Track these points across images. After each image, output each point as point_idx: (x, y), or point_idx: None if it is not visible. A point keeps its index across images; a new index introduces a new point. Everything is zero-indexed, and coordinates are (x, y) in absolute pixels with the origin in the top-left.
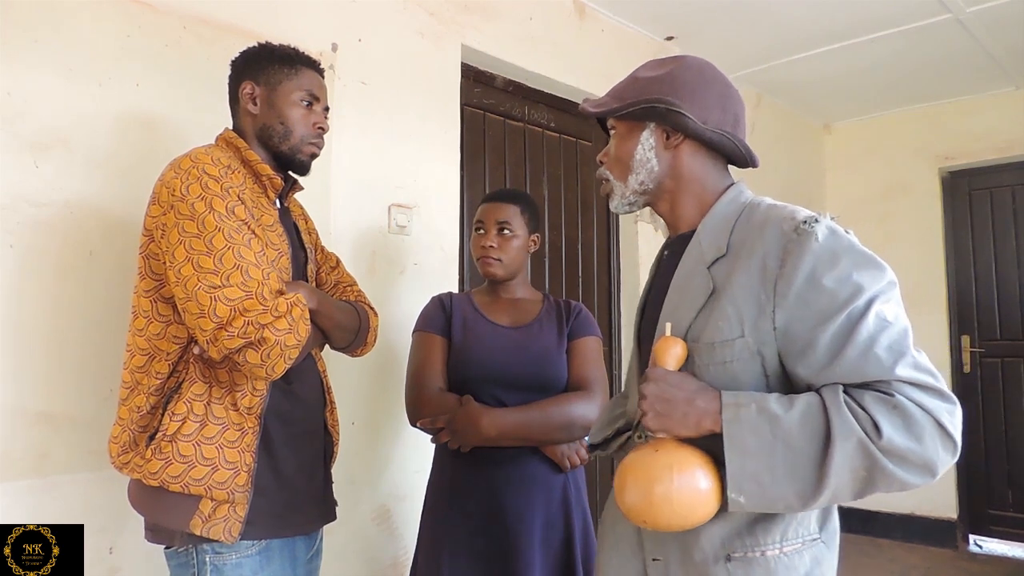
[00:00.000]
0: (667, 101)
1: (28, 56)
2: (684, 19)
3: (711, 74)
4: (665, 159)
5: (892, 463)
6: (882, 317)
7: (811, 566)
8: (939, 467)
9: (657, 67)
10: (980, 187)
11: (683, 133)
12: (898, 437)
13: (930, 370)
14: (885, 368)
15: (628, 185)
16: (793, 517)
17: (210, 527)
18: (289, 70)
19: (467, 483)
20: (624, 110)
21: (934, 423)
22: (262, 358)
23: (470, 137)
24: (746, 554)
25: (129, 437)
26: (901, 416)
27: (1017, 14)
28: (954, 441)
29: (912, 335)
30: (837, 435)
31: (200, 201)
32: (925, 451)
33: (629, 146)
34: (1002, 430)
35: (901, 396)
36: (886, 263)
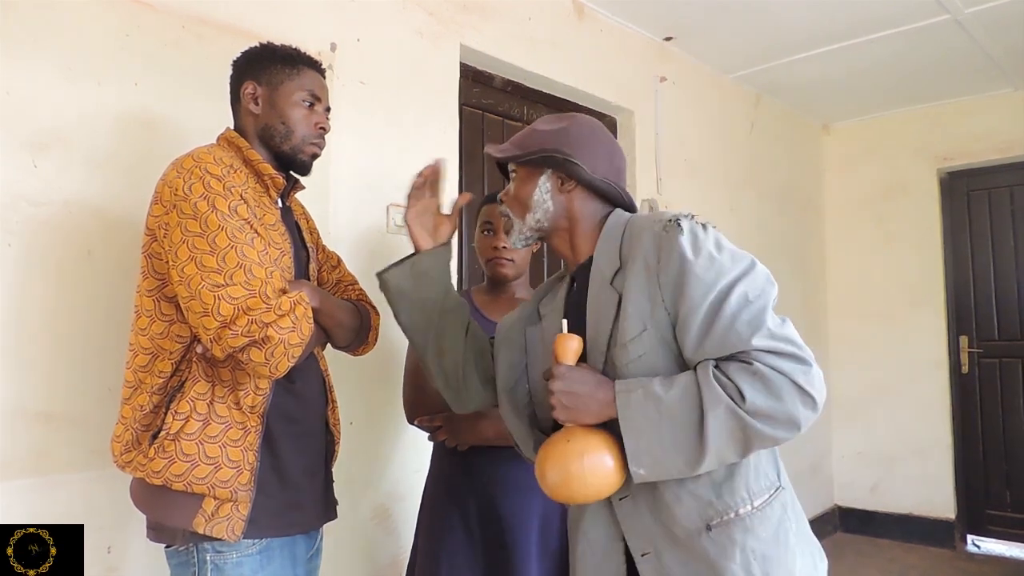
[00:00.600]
0: (563, 152)
1: (27, 55)
2: (683, 19)
3: (600, 132)
4: (559, 201)
5: (759, 422)
6: (743, 296)
7: (780, 513)
8: (801, 420)
9: (555, 122)
10: (978, 188)
11: (576, 180)
12: (759, 399)
13: (787, 337)
14: (744, 340)
15: (526, 222)
16: (748, 471)
17: (213, 526)
18: (291, 70)
19: (464, 481)
20: (525, 157)
21: (790, 383)
22: (266, 356)
23: (469, 137)
24: (723, 519)
25: (132, 436)
26: (760, 380)
27: (1015, 15)
28: (812, 397)
29: (771, 306)
30: (708, 405)
31: (203, 200)
32: (785, 408)
33: (528, 188)
34: (1000, 431)
35: (759, 363)
36: (744, 252)
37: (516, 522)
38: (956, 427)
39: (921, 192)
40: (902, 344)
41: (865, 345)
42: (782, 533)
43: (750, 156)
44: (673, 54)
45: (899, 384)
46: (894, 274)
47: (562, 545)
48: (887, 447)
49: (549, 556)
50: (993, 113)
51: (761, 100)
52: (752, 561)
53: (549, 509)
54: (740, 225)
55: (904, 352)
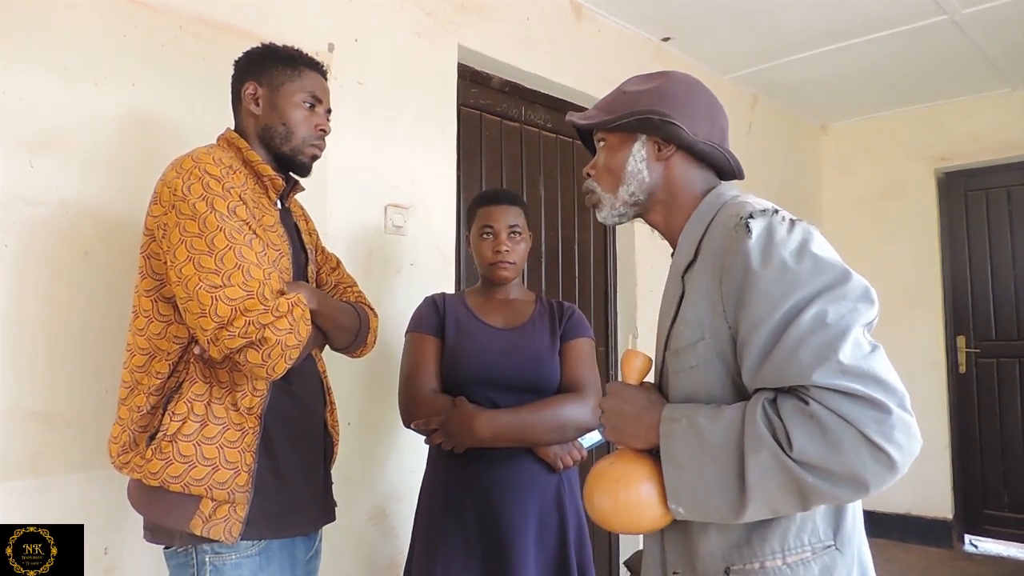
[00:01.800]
0: (660, 112)
1: (24, 55)
2: (681, 20)
3: (699, 88)
4: (656, 170)
5: (812, 475)
6: (818, 317)
7: (820, 575)
8: (871, 480)
9: (645, 81)
10: (976, 188)
11: (675, 144)
12: (812, 448)
13: (866, 374)
14: (805, 373)
15: (618, 196)
16: (792, 523)
17: (210, 527)
18: (292, 71)
19: (461, 484)
20: (616, 121)
21: (855, 433)
22: (263, 358)
23: (467, 137)
24: (744, 566)
25: (129, 437)
26: (817, 425)
27: (1013, 16)
28: (885, 452)
29: (856, 332)
30: (749, 447)
31: (202, 201)
32: (845, 462)
33: (620, 157)
34: (997, 430)
35: (817, 403)
36: (837, 261)
37: (513, 523)
38: (954, 427)
39: (919, 192)
40: (899, 344)
41: None
42: None
43: (748, 156)
44: (671, 54)
45: None
46: (891, 274)
47: (559, 545)
48: None
49: (546, 556)
50: (990, 113)
51: (759, 100)
52: None
53: (546, 509)
54: None
55: (901, 352)
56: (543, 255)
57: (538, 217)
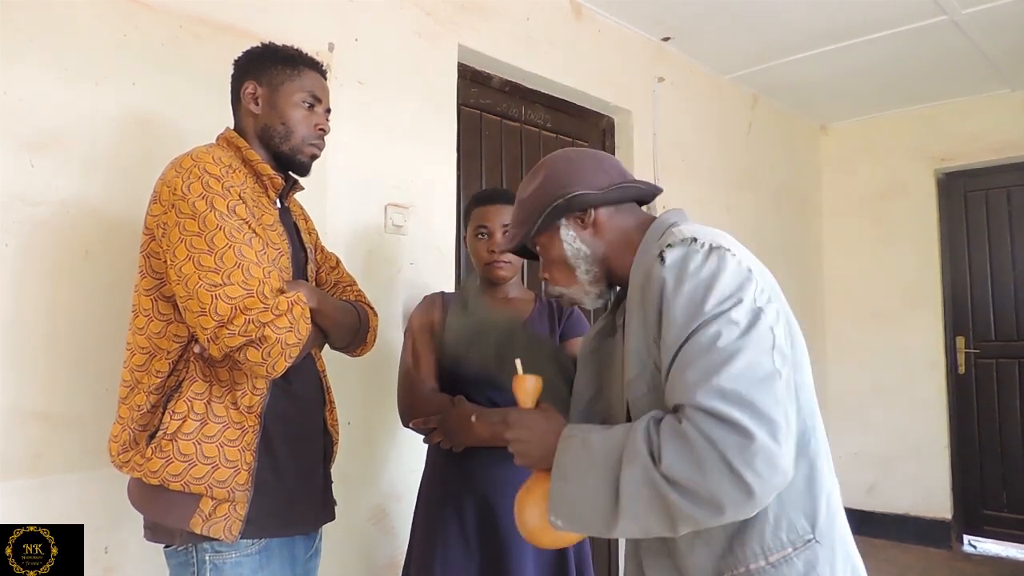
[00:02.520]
0: (559, 195)
1: (24, 55)
2: (680, 20)
3: (576, 154)
4: (590, 238)
5: (675, 492)
6: (710, 340)
7: (805, 570)
8: (727, 506)
9: (531, 182)
10: (976, 188)
11: (591, 207)
12: (677, 466)
13: (743, 400)
14: (687, 392)
15: (581, 285)
16: (767, 523)
17: (210, 526)
18: (292, 71)
19: (460, 483)
20: (535, 227)
21: (719, 457)
22: (263, 356)
23: (467, 137)
24: (733, 572)
25: (129, 436)
26: (685, 444)
27: (1012, 16)
28: (744, 481)
29: (744, 357)
30: (625, 459)
31: (201, 200)
32: (708, 484)
33: (557, 249)
34: (996, 431)
35: (688, 423)
36: (741, 287)
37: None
38: (953, 428)
39: (918, 193)
40: (899, 345)
41: (862, 346)
42: None
43: (748, 156)
44: (671, 54)
45: (896, 385)
46: (891, 274)
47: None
48: (884, 448)
49: (545, 555)
50: (990, 114)
51: (759, 100)
52: None
53: None
54: (737, 225)
55: (901, 353)
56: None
57: None
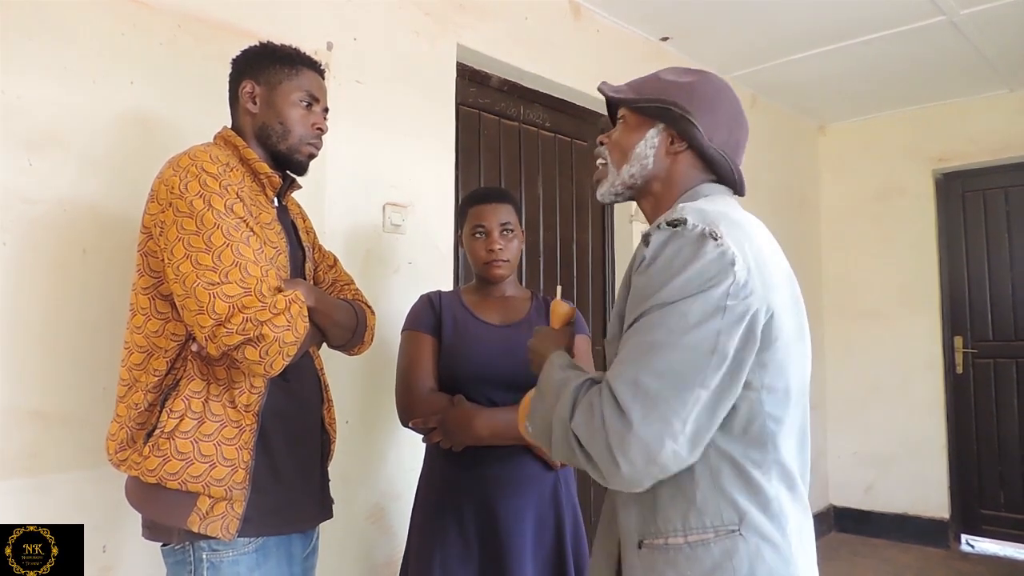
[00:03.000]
0: (682, 107)
1: (22, 54)
2: (679, 20)
3: (728, 96)
4: (662, 161)
5: (576, 446)
6: (648, 326)
7: (720, 559)
8: (603, 471)
9: (681, 74)
10: (973, 189)
11: (687, 142)
12: (579, 427)
13: (644, 395)
14: (612, 370)
15: (620, 174)
16: (692, 505)
17: (208, 524)
18: (290, 70)
19: (459, 482)
20: (641, 103)
21: (603, 437)
22: (260, 355)
23: (465, 136)
24: (653, 541)
25: (127, 434)
26: (589, 413)
27: (1010, 16)
28: (617, 463)
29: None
30: (558, 404)
31: (199, 198)
32: (593, 451)
33: (634, 138)
34: (994, 431)
35: (597, 397)
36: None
37: (510, 522)
38: (951, 427)
39: (916, 193)
40: (897, 344)
41: (860, 345)
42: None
43: (746, 156)
44: (670, 54)
45: (894, 384)
46: (889, 275)
47: (556, 544)
48: (882, 447)
49: (544, 556)
50: (988, 114)
51: (757, 101)
52: None
53: (543, 508)
54: None
55: (899, 352)
56: (541, 254)
57: (536, 216)
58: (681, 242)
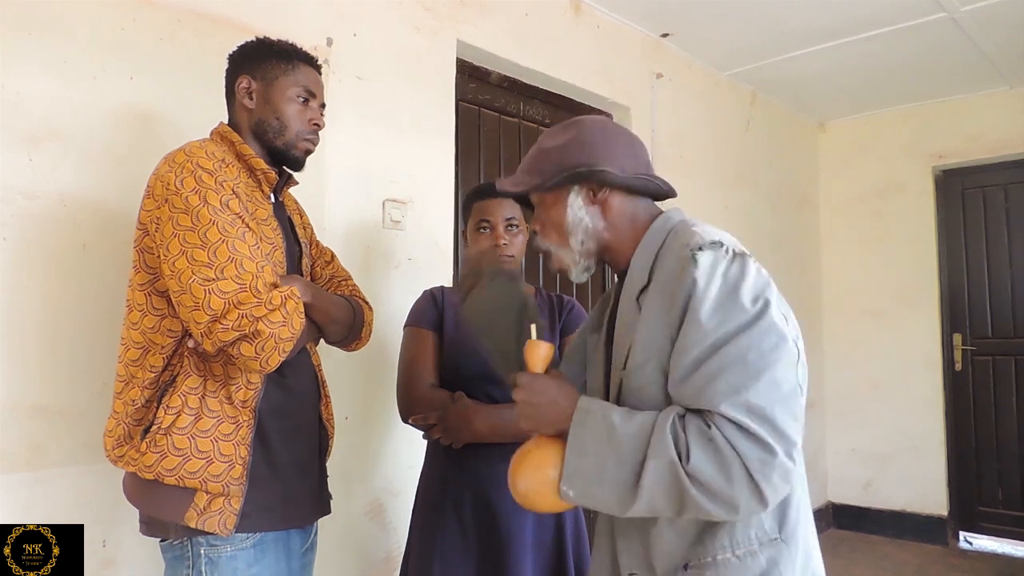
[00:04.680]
0: (587, 164)
1: (22, 49)
2: (679, 16)
3: (613, 128)
4: (596, 214)
5: (696, 490)
6: (742, 353)
7: (767, 567)
8: (741, 508)
9: (561, 134)
10: (973, 186)
11: (608, 186)
12: (705, 468)
13: (766, 416)
14: (716, 401)
15: (573, 252)
16: (738, 521)
17: (205, 520)
18: (286, 66)
19: (459, 480)
20: (550, 183)
21: (742, 467)
22: (256, 351)
23: (465, 132)
24: (700, 561)
25: (124, 430)
26: (713, 450)
27: (1011, 14)
28: (761, 492)
29: (772, 371)
30: (652, 451)
31: (194, 195)
32: (731, 489)
33: (559, 212)
34: (992, 428)
35: (717, 430)
36: (765, 297)
37: (510, 519)
38: (949, 425)
39: (916, 190)
40: (896, 341)
41: (859, 342)
42: None
43: (746, 153)
44: (670, 51)
45: (893, 381)
46: (889, 272)
47: (556, 542)
48: (881, 444)
49: (543, 554)
50: (988, 112)
51: (757, 97)
52: None
53: None
54: (734, 223)
55: (898, 349)
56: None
57: None
58: (727, 262)
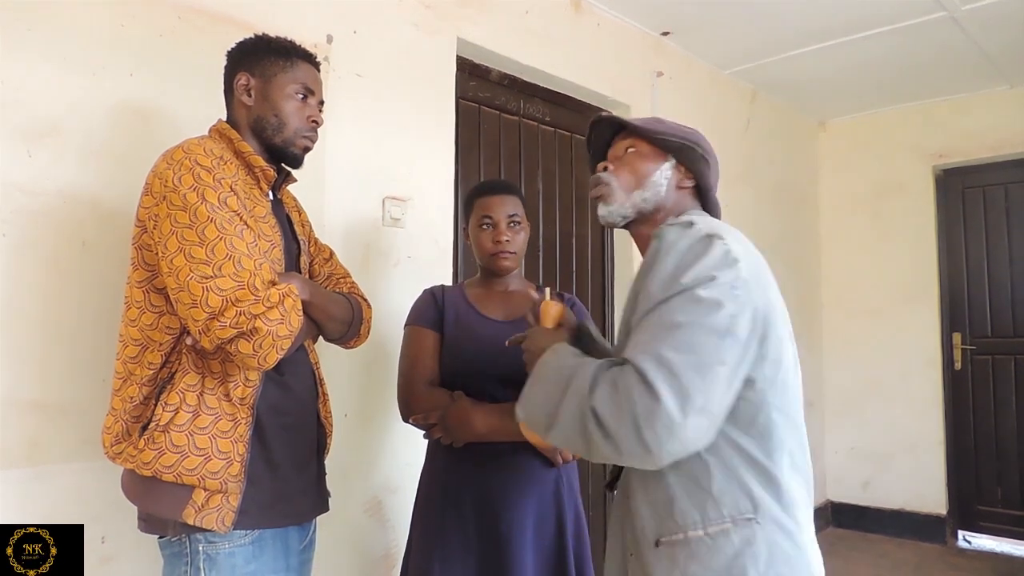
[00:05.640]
0: (704, 148)
1: (21, 45)
2: (680, 14)
3: (714, 151)
4: (672, 192)
5: (592, 424)
6: (670, 311)
7: (740, 546)
8: (625, 452)
9: (681, 124)
10: (973, 185)
11: (697, 179)
12: (603, 405)
13: (670, 371)
14: (631, 352)
15: (631, 198)
16: (709, 497)
17: (203, 517)
18: (285, 62)
19: (460, 478)
20: (667, 136)
21: (630, 411)
22: (254, 348)
23: (465, 130)
24: (672, 538)
25: (122, 427)
26: (612, 390)
27: (1012, 13)
28: (643, 439)
29: (695, 337)
30: (571, 384)
31: (192, 192)
32: (618, 429)
33: (649, 167)
34: (992, 428)
35: (621, 375)
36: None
37: (511, 517)
38: (948, 424)
39: (916, 189)
40: (896, 340)
41: (859, 341)
42: (737, 569)
43: (746, 152)
44: (670, 49)
45: (892, 380)
46: (888, 271)
47: (557, 541)
48: (880, 443)
49: (544, 552)
50: (989, 111)
51: (757, 96)
52: None
53: (545, 505)
54: (735, 221)
55: (897, 348)
56: (541, 248)
57: (536, 211)
58: (692, 239)
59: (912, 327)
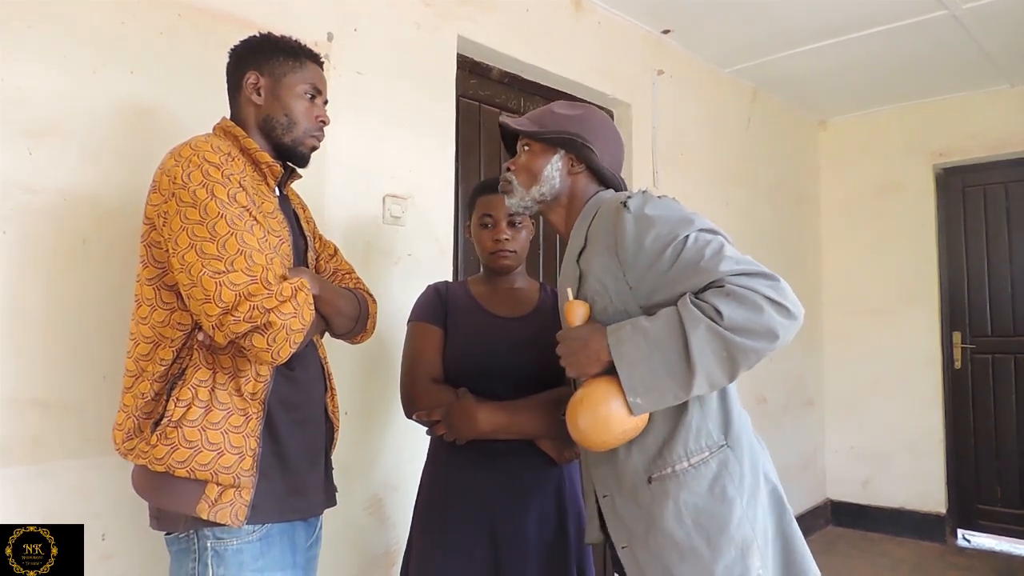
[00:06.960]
0: (583, 137)
1: (22, 43)
2: (680, 13)
3: (610, 125)
4: (566, 181)
5: (739, 336)
6: (698, 240)
7: (718, 470)
8: (779, 330)
9: (572, 108)
10: (974, 184)
11: (585, 164)
12: (736, 313)
13: (750, 263)
14: (712, 271)
15: (530, 192)
16: (689, 432)
17: (217, 511)
18: (294, 63)
19: (462, 476)
20: (547, 135)
21: (763, 297)
22: (268, 342)
23: (465, 128)
24: (661, 473)
25: (134, 424)
26: (735, 298)
27: (1012, 11)
28: (785, 307)
29: (729, 246)
30: (689, 327)
31: (202, 188)
32: (762, 319)
33: (540, 163)
34: (992, 426)
35: (730, 284)
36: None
37: (513, 516)
38: (948, 423)
39: (916, 188)
40: (896, 340)
41: (859, 340)
42: (718, 487)
43: (746, 151)
44: (671, 47)
45: (892, 379)
46: (889, 270)
47: (559, 540)
48: (880, 442)
49: (546, 550)
50: (989, 109)
51: (758, 95)
52: (683, 511)
53: (546, 503)
54: (735, 220)
55: (898, 348)
56: (541, 246)
57: None
58: (653, 199)
59: (912, 326)
